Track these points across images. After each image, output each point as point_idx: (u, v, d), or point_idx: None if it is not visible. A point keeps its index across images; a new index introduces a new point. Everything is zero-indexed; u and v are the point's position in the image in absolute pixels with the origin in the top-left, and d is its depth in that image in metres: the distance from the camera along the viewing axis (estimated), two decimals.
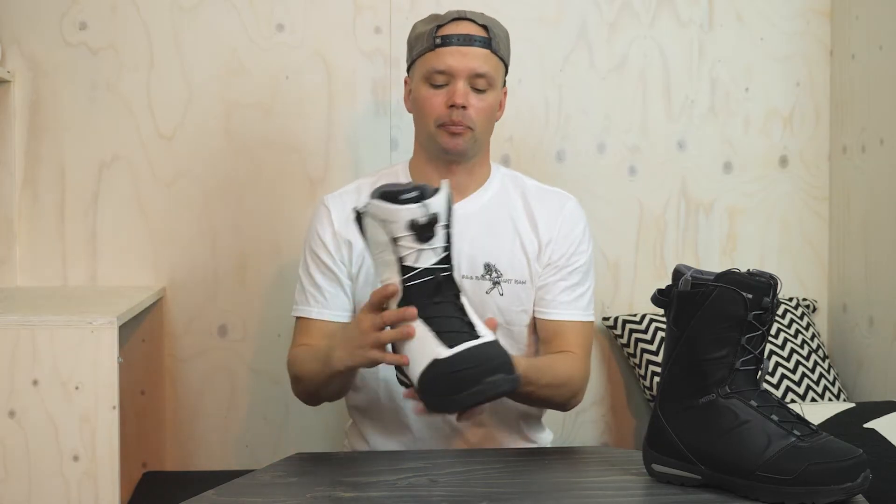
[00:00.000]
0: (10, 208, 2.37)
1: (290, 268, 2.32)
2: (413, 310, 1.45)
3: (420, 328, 1.43)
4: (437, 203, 1.45)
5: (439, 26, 1.84)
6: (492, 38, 1.84)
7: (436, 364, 1.40)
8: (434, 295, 1.44)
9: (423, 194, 1.46)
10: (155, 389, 2.41)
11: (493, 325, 1.50)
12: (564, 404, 1.87)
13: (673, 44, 2.51)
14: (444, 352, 1.39)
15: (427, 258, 1.45)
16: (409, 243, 1.44)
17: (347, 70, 2.44)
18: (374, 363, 1.53)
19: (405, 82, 1.93)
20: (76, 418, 1.79)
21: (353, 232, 1.86)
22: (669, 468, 1.48)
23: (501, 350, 1.42)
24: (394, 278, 1.46)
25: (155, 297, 2.30)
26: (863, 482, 1.37)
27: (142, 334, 2.36)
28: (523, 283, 1.89)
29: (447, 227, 1.47)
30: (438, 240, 1.45)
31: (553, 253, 1.90)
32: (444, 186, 1.49)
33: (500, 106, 1.92)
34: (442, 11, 2.10)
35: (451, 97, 1.81)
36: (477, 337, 1.41)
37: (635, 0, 2.50)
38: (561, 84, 2.49)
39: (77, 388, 1.79)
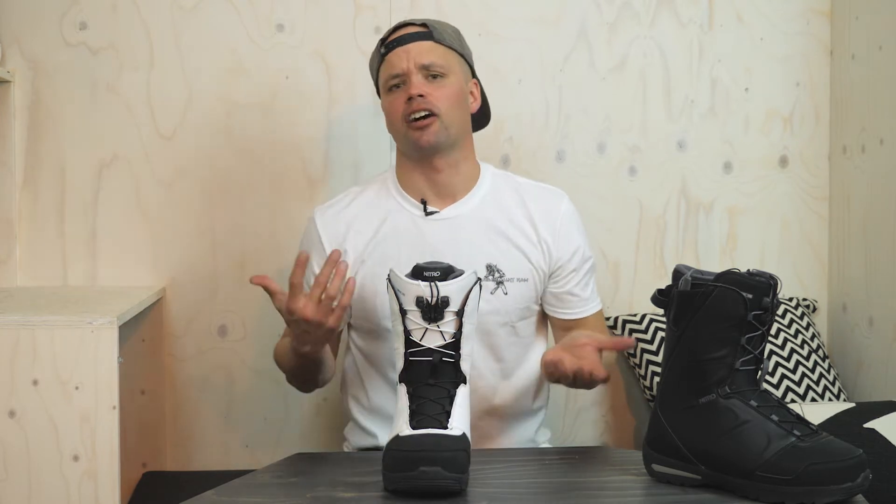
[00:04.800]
0: (10, 208, 2.37)
1: (290, 268, 2.30)
2: (344, 266, 1.66)
3: (403, 401, 1.48)
4: (449, 287, 1.48)
5: (384, 40, 1.92)
6: (433, 31, 1.90)
7: (395, 439, 1.44)
8: (430, 376, 1.48)
9: (443, 275, 1.49)
10: (155, 389, 2.41)
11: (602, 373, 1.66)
12: None
13: (673, 44, 2.51)
14: (406, 430, 1.43)
15: (433, 338, 1.49)
16: (416, 318, 1.48)
17: (347, 70, 2.43)
18: (290, 314, 1.69)
19: (383, 108, 1.97)
20: (76, 418, 1.79)
21: (344, 242, 1.91)
22: (669, 468, 1.48)
23: (460, 448, 1.42)
24: (400, 349, 1.50)
25: (155, 297, 2.30)
26: (863, 482, 1.37)
27: (142, 334, 2.36)
28: (525, 280, 1.91)
29: (460, 315, 1.49)
30: (448, 325, 1.48)
31: (561, 257, 1.93)
32: (468, 276, 1.51)
33: (474, 97, 1.96)
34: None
35: (408, 91, 1.86)
36: (444, 427, 1.43)
37: (635, 0, 2.49)
38: (561, 84, 2.49)
39: (77, 388, 1.79)
